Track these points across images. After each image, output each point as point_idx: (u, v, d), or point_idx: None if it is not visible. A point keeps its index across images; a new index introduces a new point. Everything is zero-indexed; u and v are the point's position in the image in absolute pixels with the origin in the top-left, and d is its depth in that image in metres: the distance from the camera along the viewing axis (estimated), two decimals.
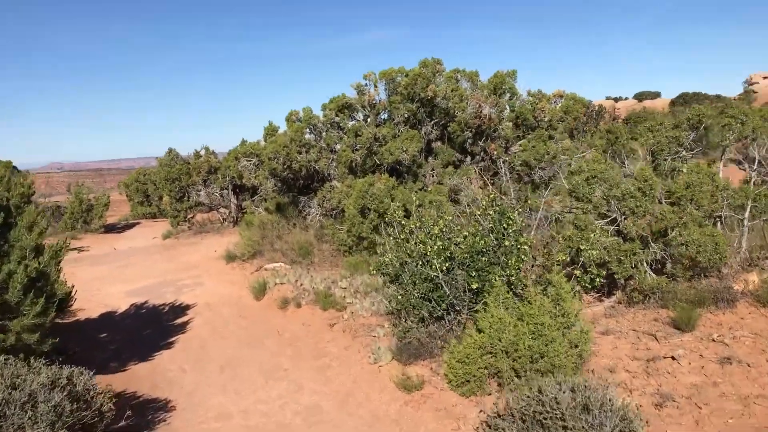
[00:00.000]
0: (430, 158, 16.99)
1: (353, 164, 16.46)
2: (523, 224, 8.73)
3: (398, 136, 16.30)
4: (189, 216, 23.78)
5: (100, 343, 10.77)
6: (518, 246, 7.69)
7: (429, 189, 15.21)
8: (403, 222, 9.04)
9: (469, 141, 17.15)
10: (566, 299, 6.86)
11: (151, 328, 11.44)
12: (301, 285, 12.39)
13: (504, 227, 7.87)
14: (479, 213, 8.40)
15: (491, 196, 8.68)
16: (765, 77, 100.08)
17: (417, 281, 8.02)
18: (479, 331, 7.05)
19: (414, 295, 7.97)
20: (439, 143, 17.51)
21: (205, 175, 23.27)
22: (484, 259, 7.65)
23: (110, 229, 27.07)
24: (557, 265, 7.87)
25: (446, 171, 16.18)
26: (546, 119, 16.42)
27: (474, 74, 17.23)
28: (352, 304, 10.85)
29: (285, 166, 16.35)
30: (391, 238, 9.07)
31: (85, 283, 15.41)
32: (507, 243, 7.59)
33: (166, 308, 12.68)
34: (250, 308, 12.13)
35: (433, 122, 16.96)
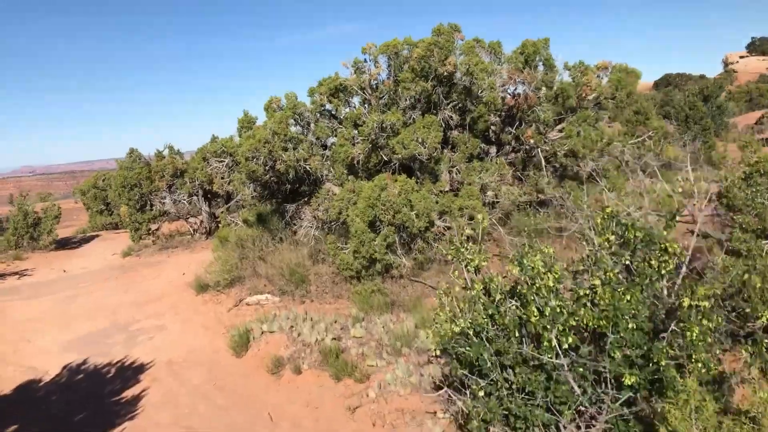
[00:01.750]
0: (445, 150, 13.60)
1: (354, 162, 13.01)
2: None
3: (409, 124, 12.89)
4: (153, 228, 20.13)
5: None
6: (696, 304, 4.35)
7: (459, 193, 11.86)
8: (468, 257, 5.62)
9: (495, 127, 13.80)
10: None
11: (86, 410, 7.93)
12: (299, 336, 8.95)
13: (656, 267, 4.55)
14: (600, 243, 5.03)
15: (607, 209, 5.33)
16: (741, 56, 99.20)
17: (517, 371, 4.63)
18: None
19: (514, 400, 4.57)
20: (456, 132, 14.11)
21: (170, 179, 19.62)
22: (636, 329, 4.30)
23: (64, 244, 23.28)
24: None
25: (471, 166, 12.81)
26: (591, 97, 13.12)
27: (496, 45, 13.84)
28: (377, 369, 7.47)
29: (267, 167, 12.84)
30: (453, 288, 5.64)
31: (14, 326, 11.84)
32: (685, 302, 4.25)
33: (112, 372, 9.16)
34: (228, 373, 8.65)
35: (450, 105, 13.55)
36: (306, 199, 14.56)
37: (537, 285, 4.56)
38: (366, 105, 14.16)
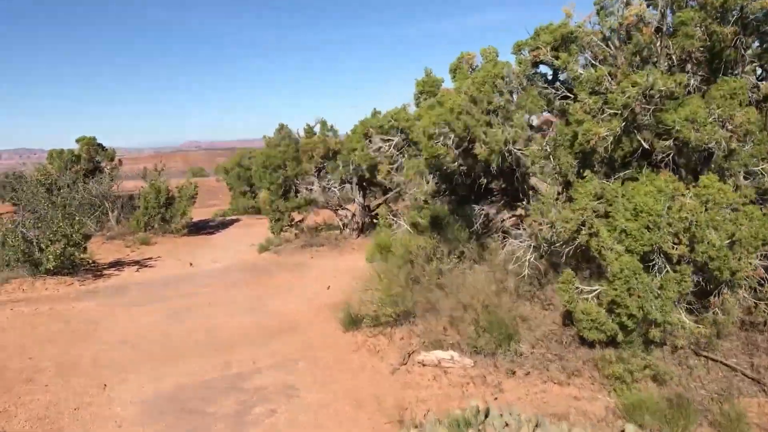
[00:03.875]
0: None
1: (592, 149, 8.17)
2: None
3: (691, 93, 7.91)
4: (297, 220, 16.61)
5: None
6: None
7: None
8: None
9: None
10: None
11: None
12: None
13: None
14: None
15: None
16: None
17: None
18: None
19: None
20: (752, 110, 8.73)
21: (320, 161, 15.94)
22: None
23: (200, 228, 20.66)
24: None
25: None
26: None
27: None
28: None
29: (460, 151, 8.41)
30: None
31: (97, 355, 8.49)
32: None
33: None
34: None
35: (754, 66, 8.30)
36: (508, 204, 10.02)
37: None
38: (611, 64, 9.27)
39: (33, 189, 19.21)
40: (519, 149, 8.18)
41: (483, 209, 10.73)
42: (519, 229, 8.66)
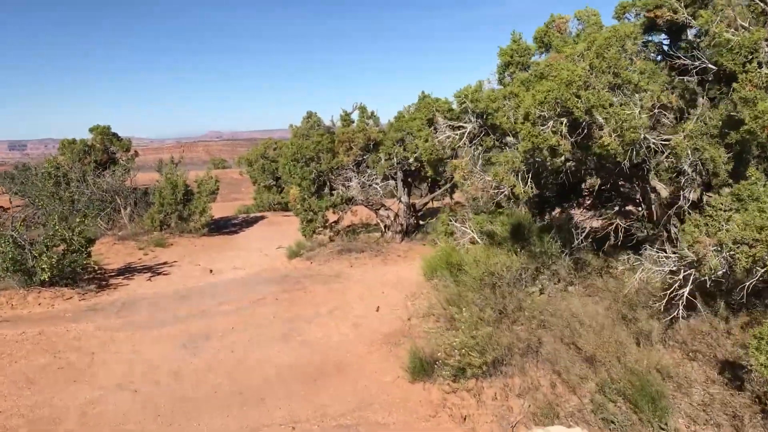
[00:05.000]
0: None
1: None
2: None
3: None
4: (332, 221, 14.48)
5: None
6: None
7: None
8: None
9: None
10: None
11: None
12: None
13: None
14: None
15: None
16: None
17: None
18: None
19: None
20: None
21: (359, 153, 13.77)
22: None
23: (221, 227, 18.64)
24: None
25: None
26: None
27: None
28: None
29: (578, 139, 6.15)
30: None
31: (79, 417, 6.42)
32: None
33: None
34: None
35: None
36: (619, 206, 7.78)
37: None
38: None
39: (39, 183, 17.34)
40: (663, 139, 5.91)
41: (571, 214, 8.52)
42: (650, 245, 6.40)
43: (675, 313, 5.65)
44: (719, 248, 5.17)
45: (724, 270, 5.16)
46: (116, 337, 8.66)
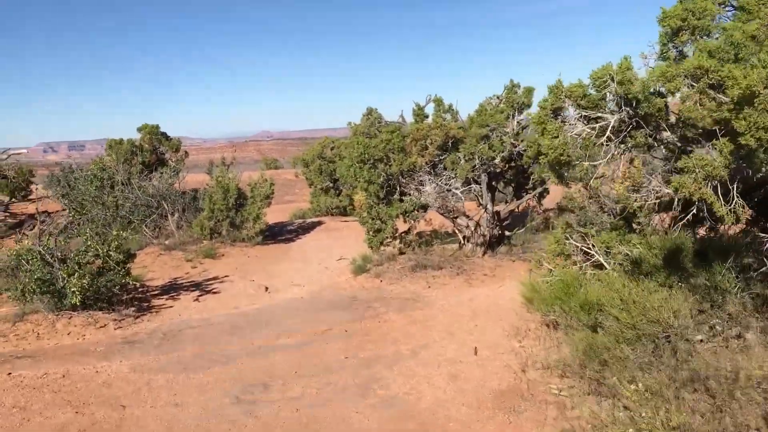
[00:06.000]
0: None
1: None
2: None
3: None
4: (401, 231, 12.58)
5: None
6: None
7: None
8: None
9: None
10: None
11: None
12: None
13: None
14: None
15: None
16: None
17: None
18: None
19: None
20: None
21: (437, 153, 11.82)
22: None
23: (275, 234, 17.00)
24: None
25: None
26: None
27: None
28: None
29: None
30: None
31: None
32: None
33: None
34: None
35: None
36: None
37: None
38: None
39: (82, 186, 16.05)
40: None
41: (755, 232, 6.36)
42: None
43: None
44: None
45: None
46: (154, 383, 6.98)
